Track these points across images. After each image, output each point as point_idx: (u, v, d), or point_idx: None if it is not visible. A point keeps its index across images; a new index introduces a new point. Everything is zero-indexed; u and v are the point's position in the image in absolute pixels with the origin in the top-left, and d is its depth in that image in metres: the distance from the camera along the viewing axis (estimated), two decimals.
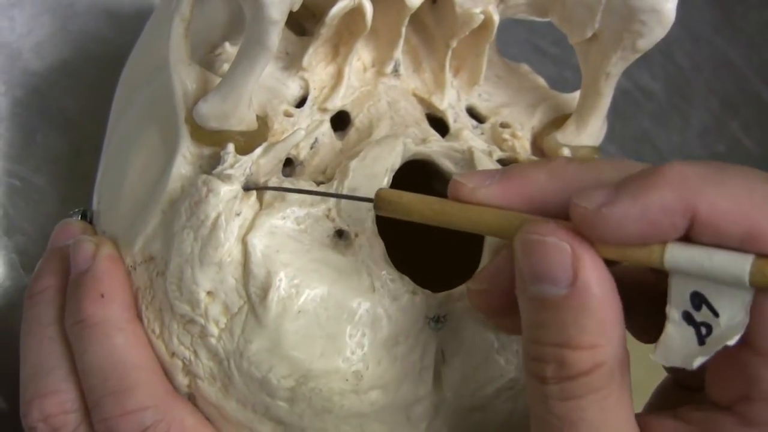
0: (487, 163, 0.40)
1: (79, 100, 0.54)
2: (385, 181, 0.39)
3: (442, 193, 0.42)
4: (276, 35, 0.37)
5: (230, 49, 0.44)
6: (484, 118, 0.46)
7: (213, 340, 0.39)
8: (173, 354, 0.40)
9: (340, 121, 0.44)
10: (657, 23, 0.40)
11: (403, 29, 0.44)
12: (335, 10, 0.41)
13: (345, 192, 0.39)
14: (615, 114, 0.67)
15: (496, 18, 0.43)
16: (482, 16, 0.43)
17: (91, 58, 0.53)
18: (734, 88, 0.73)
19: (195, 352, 0.40)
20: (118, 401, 0.39)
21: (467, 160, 0.41)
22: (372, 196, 0.39)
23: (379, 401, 0.39)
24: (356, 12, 0.42)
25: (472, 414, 0.40)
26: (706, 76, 0.73)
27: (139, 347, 0.40)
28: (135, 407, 0.39)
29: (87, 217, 0.46)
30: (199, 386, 0.40)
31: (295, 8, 0.39)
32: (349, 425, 0.39)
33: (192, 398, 0.41)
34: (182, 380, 0.41)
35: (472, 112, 0.46)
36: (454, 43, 0.44)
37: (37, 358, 0.42)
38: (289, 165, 0.42)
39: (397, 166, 0.40)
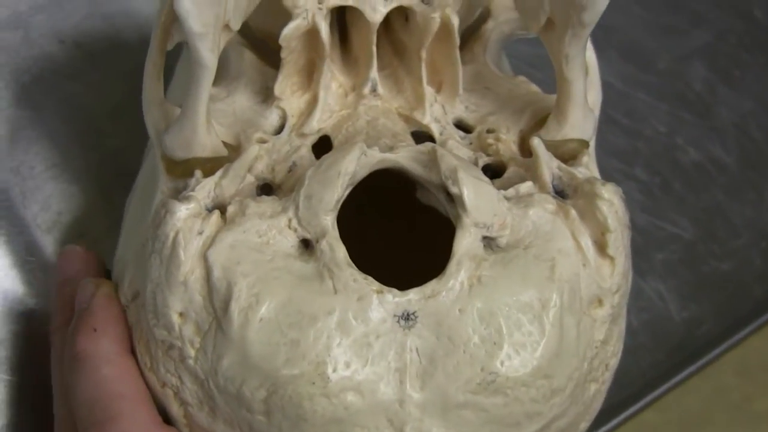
0: (449, 159, 0.40)
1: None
2: (339, 184, 0.39)
3: (421, 204, 0.42)
4: (207, 49, 0.38)
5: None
6: (472, 129, 0.46)
7: (191, 362, 0.40)
8: (164, 384, 0.41)
9: (326, 147, 0.44)
10: None
11: (374, 48, 0.44)
12: (286, 30, 0.42)
13: (301, 200, 0.39)
14: (688, 186, 0.66)
15: (455, 20, 0.43)
16: (438, 19, 0.43)
17: None
18: None
19: (180, 378, 0.40)
20: (103, 431, 0.40)
21: (432, 159, 0.40)
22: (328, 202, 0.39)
23: (355, 404, 0.38)
24: (314, 33, 0.43)
25: (460, 412, 0.39)
26: None
27: (126, 379, 0.41)
28: None
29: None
30: (191, 413, 0.41)
31: (235, 27, 0.40)
32: None
33: (191, 429, 0.41)
34: (177, 411, 0.41)
35: (461, 125, 0.46)
36: (423, 54, 0.44)
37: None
38: (267, 190, 0.43)
39: (350, 169, 0.39)
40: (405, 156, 0.41)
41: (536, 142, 0.42)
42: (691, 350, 0.63)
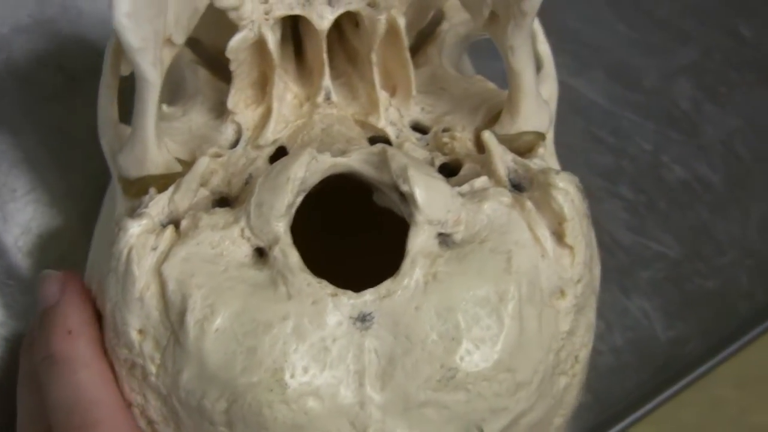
0: (400, 158, 0.40)
1: None
2: (289, 189, 0.39)
3: (379, 208, 0.42)
4: (148, 63, 0.38)
5: (165, 109, 0.45)
6: (429, 130, 0.45)
7: (153, 378, 0.40)
8: (130, 404, 0.41)
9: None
10: None
11: (324, 56, 0.44)
12: (232, 43, 0.42)
13: (252, 209, 0.39)
14: (673, 204, 0.66)
15: (401, 21, 0.43)
16: (384, 21, 0.43)
17: None
18: None
19: (144, 396, 0.40)
20: None
21: (383, 160, 0.40)
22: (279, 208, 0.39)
23: (315, 409, 0.38)
24: (262, 45, 0.43)
25: (422, 411, 0.39)
26: (767, 167, 0.71)
27: (103, 384, 0.41)
28: None
29: None
30: (158, 431, 0.41)
31: (178, 41, 0.40)
32: None
33: None
34: (145, 429, 0.41)
35: (418, 127, 0.46)
36: (374, 57, 0.44)
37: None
38: (224, 204, 0.43)
39: (300, 174, 0.39)
40: (356, 159, 0.41)
41: (487, 136, 0.42)
42: (676, 369, 0.63)
